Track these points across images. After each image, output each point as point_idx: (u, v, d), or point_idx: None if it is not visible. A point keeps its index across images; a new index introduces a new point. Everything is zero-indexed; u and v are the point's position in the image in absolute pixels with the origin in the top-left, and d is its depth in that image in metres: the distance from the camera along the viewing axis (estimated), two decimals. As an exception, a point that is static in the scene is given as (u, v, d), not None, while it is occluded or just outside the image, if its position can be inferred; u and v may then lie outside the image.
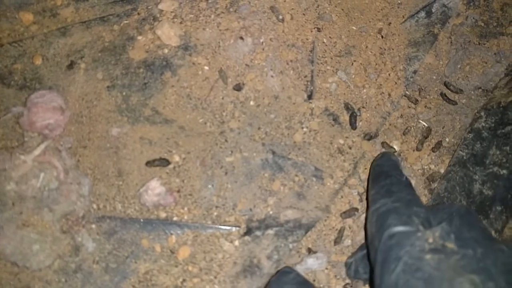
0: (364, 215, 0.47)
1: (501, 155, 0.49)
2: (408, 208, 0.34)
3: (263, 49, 0.51)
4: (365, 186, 0.48)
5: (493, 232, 0.46)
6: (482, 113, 0.53)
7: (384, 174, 0.39)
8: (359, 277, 0.40)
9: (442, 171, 0.51)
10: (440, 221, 0.32)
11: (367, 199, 0.43)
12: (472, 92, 0.55)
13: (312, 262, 0.44)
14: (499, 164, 0.48)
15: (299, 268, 0.44)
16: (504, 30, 0.59)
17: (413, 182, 0.50)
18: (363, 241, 0.46)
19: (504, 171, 0.48)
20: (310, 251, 0.45)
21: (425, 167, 0.51)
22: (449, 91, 0.54)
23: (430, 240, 0.31)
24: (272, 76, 0.51)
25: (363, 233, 0.46)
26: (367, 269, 0.39)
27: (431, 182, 0.51)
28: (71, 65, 0.48)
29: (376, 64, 0.54)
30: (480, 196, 0.47)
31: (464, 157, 0.50)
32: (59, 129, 0.44)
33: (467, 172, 0.49)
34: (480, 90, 0.55)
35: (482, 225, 0.33)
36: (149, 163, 0.45)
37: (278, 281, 0.38)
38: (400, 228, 0.32)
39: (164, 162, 0.45)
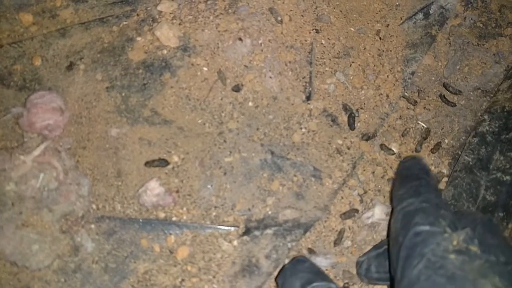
0: (364, 216, 0.47)
1: (505, 161, 0.49)
2: (436, 210, 0.34)
3: (261, 50, 0.52)
4: (365, 188, 0.49)
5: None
6: (486, 117, 0.52)
7: (414, 176, 0.39)
8: (370, 275, 0.40)
9: (443, 171, 0.51)
10: (465, 227, 0.33)
11: (391, 197, 0.43)
12: (471, 93, 0.55)
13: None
14: (502, 170, 0.48)
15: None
16: (503, 31, 0.59)
17: None
18: (363, 242, 0.47)
19: (508, 177, 0.47)
20: (311, 251, 0.45)
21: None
22: (448, 93, 0.55)
23: (455, 242, 0.32)
24: (270, 77, 0.51)
25: (363, 234, 0.47)
26: (380, 269, 0.40)
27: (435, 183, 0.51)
28: (70, 66, 0.48)
29: (374, 65, 0.54)
30: (483, 202, 0.47)
31: (470, 162, 0.49)
32: (58, 130, 0.44)
33: (474, 177, 0.48)
34: (479, 91, 0.56)
35: (503, 235, 0.33)
36: (148, 164, 0.45)
37: (293, 269, 0.38)
38: (426, 227, 0.33)
39: (163, 162, 0.45)
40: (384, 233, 0.46)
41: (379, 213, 0.47)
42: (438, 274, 0.30)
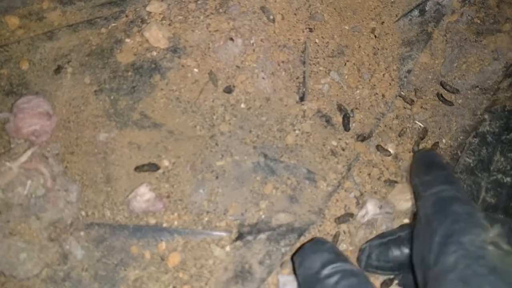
0: (359, 215, 0.46)
1: (506, 162, 0.47)
2: (471, 201, 0.35)
3: (253, 50, 0.51)
4: (361, 190, 0.47)
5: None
6: (486, 116, 0.51)
7: (440, 165, 0.40)
8: (370, 263, 0.40)
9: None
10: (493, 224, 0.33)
11: (412, 183, 0.42)
12: (469, 92, 0.54)
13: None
14: (503, 171, 0.47)
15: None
16: (501, 27, 0.58)
17: None
18: (360, 243, 0.46)
19: (508, 179, 0.46)
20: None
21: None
22: (445, 91, 0.53)
23: (491, 235, 0.32)
24: (263, 78, 0.50)
25: (361, 233, 0.45)
26: (380, 257, 0.40)
27: None
28: (58, 70, 0.47)
29: (369, 64, 0.53)
30: (483, 204, 0.46)
31: (471, 164, 0.48)
32: (45, 135, 0.43)
33: (476, 179, 0.47)
34: (477, 89, 0.54)
35: None
36: (138, 169, 0.44)
37: (313, 248, 0.37)
38: (464, 217, 0.33)
39: (153, 167, 0.44)
40: (383, 227, 0.45)
41: (372, 209, 0.46)
42: (478, 264, 0.29)
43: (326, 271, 0.34)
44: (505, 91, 0.52)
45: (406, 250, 0.39)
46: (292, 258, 0.40)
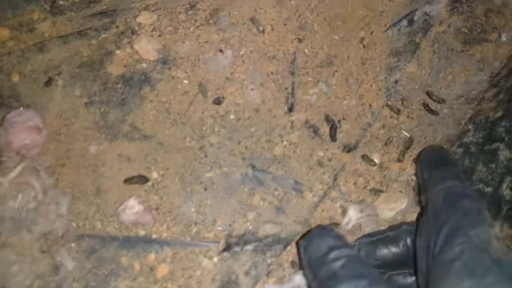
0: (343, 223, 0.47)
1: (487, 172, 0.48)
2: (480, 199, 0.37)
3: (243, 62, 0.51)
4: (346, 199, 0.49)
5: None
6: (470, 127, 0.52)
7: (449, 161, 0.42)
8: None
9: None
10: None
11: (421, 179, 0.44)
12: (455, 102, 0.55)
13: (299, 280, 0.44)
14: (484, 181, 0.47)
15: (286, 286, 0.44)
16: (488, 36, 0.58)
17: (402, 194, 0.50)
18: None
19: (489, 189, 0.47)
20: (294, 264, 0.45)
21: (408, 178, 0.51)
22: (431, 101, 0.54)
23: (496, 231, 0.34)
24: (252, 89, 0.51)
25: (348, 240, 0.46)
26: (368, 255, 0.41)
27: (418, 193, 0.51)
28: (49, 82, 0.47)
29: (357, 74, 0.54)
30: None
31: None
32: (36, 149, 0.44)
33: None
34: (462, 98, 0.55)
35: None
36: (127, 181, 0.45)
37: (320, 233, 0.38)
38: (473, 213, 0.35)
39: (142, 179, 0.45)
40: (368, 229, 0.46)
41: (354, 214, 0.47)
42: (483, 255, 0.31)
43: (332, 254, 0.35)
44: (489, 102, 0.53)
45: (393, 249, 0.40)
46: (297, 243, 0.41)
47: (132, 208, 0.43)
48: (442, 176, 0.39)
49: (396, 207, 0.49)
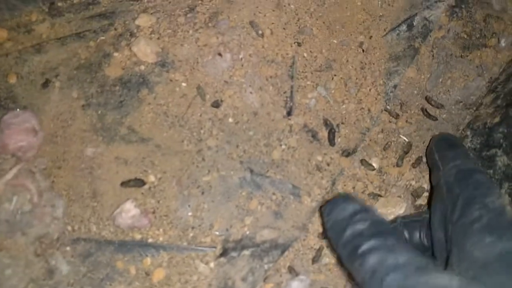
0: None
1: None
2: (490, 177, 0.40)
3: (242, 65, 0.51)
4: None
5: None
6: (468, 132, 0.52)
7: (459, 144, 0.45)
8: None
9: (424, 186, 0.51)
10: None
11: (430, 158, 0.46)
12: (453, 107, 0.55)
13: (296, 285, 0.44)
14: None
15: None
16: (487, 41, 0.59)
17: (400, 199, 0.50)
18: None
19: None
20: (291, 269, 0.45)
21: (407, 183, 0.51)
22: (430, 106, 0.54)
23: (508, 199, 0.37)
24: (251, 93, 0.50)
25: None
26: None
27: (416, 198, 0.50)
28: (46, 84, 0.47)
29: (356, 78, 0.54)
30: None
31: None
32: (32, 151, 0.43)
33: None
34: (461, 104, 0.55)
35: None
36: (124, 184, 0.44)
37: (345, 199, 0.37)
38: (485, 185, 0.37)
39: (139, 182, 0.45)
40: None
41: None
42: (500, 217, 0.33)
43: (358, 217, 0.35)
44: (487, 107, 0.53)
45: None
46: (320, 209, 0.41)
47: (129, 211, 0.42)
48: (453, 155, 0.42)
49: (394, 211, 0.49)
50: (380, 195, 0.50)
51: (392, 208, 0.49)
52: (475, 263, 0.31)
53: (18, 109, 0.45)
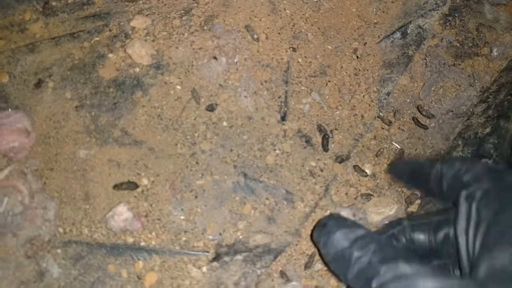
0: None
1: None
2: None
3: (237, 69, 0.51)
4: (338, 209, 0.48)
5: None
6: (460, 142, 0.53)
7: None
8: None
9: (416, 193, 0.51)
10: None
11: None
12: (444, 116, 0.55)
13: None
14: None
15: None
16: (479, 50, 0.59)
17: (392, 200, 0.50)
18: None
19: None
20: (283, 274, 0.45)
21: (399, 189, 0.52)
22: (421, 115, 0.55)
23: None
24: (245, 97, 0.50)
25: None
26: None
27: (408, 205, 0.51)
28: (39, 84, 0.47)
29: (350, 85, 0.54)
30: None
31: None
32: (24, 152, 0.43)
33: (445, 203, 0.49)
34: (451, 113, 0.56)
35: None
36: (116, 187, 0.44)
37: (337, 223, 0.36)
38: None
39: (132, 185, 0.44)
40: None
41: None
42: None
43: (358, 244, 0.33)
44: (479, 117, 0.54)
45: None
46: (313, 238, 0.39)
47: (121, 214, 0.42)
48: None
49: (385, 212, 0.50)
50: (372, 195, 0.50)
51: (383, 208, 0.50)
52: (504, 273, 0.31)
53: (9, 109, 0.45)
